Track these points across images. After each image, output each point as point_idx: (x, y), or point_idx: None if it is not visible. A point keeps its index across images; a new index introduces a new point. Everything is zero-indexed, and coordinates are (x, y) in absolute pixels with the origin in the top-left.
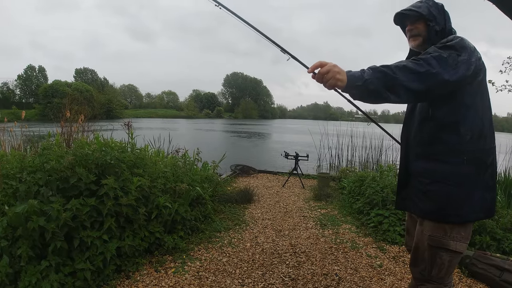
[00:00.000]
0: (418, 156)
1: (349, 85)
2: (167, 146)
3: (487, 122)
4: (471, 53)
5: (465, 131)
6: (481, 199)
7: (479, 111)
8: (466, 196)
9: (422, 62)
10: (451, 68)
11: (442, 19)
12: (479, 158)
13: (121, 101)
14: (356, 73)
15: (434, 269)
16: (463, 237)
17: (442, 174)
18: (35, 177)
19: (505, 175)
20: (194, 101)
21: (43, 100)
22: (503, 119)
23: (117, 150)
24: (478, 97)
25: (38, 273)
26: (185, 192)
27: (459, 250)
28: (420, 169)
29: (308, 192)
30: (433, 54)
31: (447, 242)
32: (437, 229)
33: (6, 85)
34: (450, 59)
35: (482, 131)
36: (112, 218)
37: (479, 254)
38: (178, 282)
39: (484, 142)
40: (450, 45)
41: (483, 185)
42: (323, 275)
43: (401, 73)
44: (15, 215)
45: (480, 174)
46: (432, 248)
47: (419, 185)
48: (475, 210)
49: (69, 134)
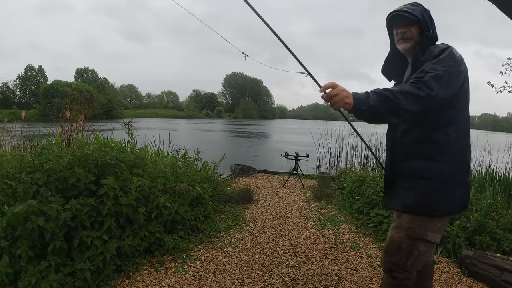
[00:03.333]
0: (407, 156)
1: (355, 108)
2: (167, 146)
3: (468, 123)
4: (460, 63)
5: (453, 131)
6: (462, 194)
7: (464, 112)
8: (451, 192)
9: (422, 86)
10: (446, 85)
11: (431, 26)
12: (462, 156)
13: (121, 101)
14: (362, 96)
15: (410, 259)
16: (439, 228)
17: (433, 171)
18: (34, 177)
19: (505, 175)
20: (194, 101)
21: (43, 100)
22: (503, 119)
23: (117, 150)
24: (463, 100)
25: (38, 273)
26: (185, 192)
27: (434, 240)
28: (408, 168)
29: (308, 192)
30: (431, 74)
31: (425, 233)
32: (416, 221)
33: (6, 85)
34: (445, 76)
35: (465, 131)
36: (112, 218)
37: (479, 254)
38: (178, 282)
39: (467, 141)
40: (443, 58)
41: (465, 181)
42: (323, 275)
43: (403, 98)
44: (14, 215)
45: (463, 171)
46: (410, 239)
47: (407, 182)
48: (455, 203)
49: (69, 134)
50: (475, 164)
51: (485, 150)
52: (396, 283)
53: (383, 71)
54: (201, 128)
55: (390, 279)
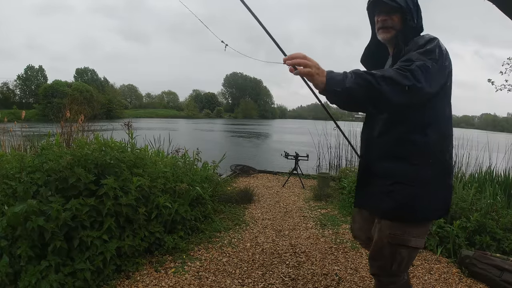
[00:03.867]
0: (383, 156)
1: (328, 89)
2: (167, 146)
3: (450, 123)
4: (446, 57)
5: (433, 133)
6: (443, 198)
7: (446, 112)
8: (432, 196)
9: (408, 75)
10: (432, 80)
11: (417, 15)
12: (443, 158)
13: (121, 101)
14: (338, 76)
15: (394, 265)
16: (422, 233)
17: (408, 175)
18: (34, 177)
19: (505, 175)
20: (194, 101)
21: (43, 100)
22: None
23: (117, 150)
24: (445, 99)
25: (38, 273)
26: (185, 192)
27: (418, 246)
28: (385, 169)
29: (308, 192)
30: (418, 64)
31: (408, 239)
32: (396, 227)
33: (6, 85)
34: (433, 69)
35: (446, 132)
36: (112, 218)
37: (479, 254)
38: (178, 282)
39: (449, 143)
40: (430, 49)
41: (446, 184)
42: (323, 275)
43: (386, 85)
44: (14, 215)
45: (443, 174)
46: (392, 245)
47: (381, 186)
48: (438, 209)
49: (69, 134)
50: (475, 164)
51: (485, 150)
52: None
53: (363, 61)
54: (201, 128)
55: (378, 283)
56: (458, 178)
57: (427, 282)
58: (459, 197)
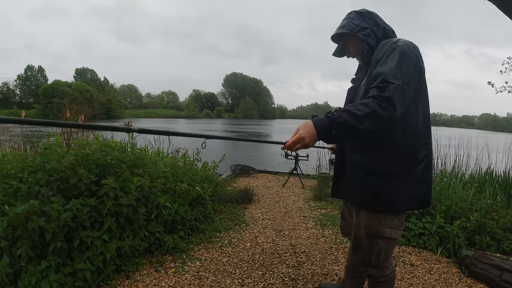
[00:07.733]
0: (353, 150)
1: (322, 138)
2: (167, 146)
3: (422, 120)
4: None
5: (399, 131)
6: (411, 191)
7: (414, 112)
8: (397, 188)
9: (387, 106)
10: (404, 97)
11: (372, 22)
12: (410, 153)
13: (121, 101)
14: (325, 129)
15: (373, 256)
16: (397, 224)
17: (375, 168)
18: (36, 177)
19: (505, 175)
20: (194, 101)
21: (43, 100)
22: (503, 119)
23: (117, 150)
24: (418, 101)
25: (38, 273)
26: (185, 192)
27: (394, 236)
28: (355, 162)
29: (308, 192)
30: (393, 87)
31: (382, 230)
32: (372, 218)
33: (6, 85)
34: (404, 86)
35: (415, 129)
36: (112, 218)
37: (479, 254)
38: (178, 282)
39: (417, 139)
40: (400, 62)
41: (414, 178)
42: (323, 275)
43: (368, 122)
44: (16, 216)
45: (410, 168)
46: (369, 237)
47: (354, 177)
48: (405, 200)
49: (69, 134)
50: (475, 164)
51: (485, 150)
52: (375, 281)
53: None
54: (201, 128)
55: (370, 278)
56: (458, 178)
57: (427, 282)
58: (459, 197)
